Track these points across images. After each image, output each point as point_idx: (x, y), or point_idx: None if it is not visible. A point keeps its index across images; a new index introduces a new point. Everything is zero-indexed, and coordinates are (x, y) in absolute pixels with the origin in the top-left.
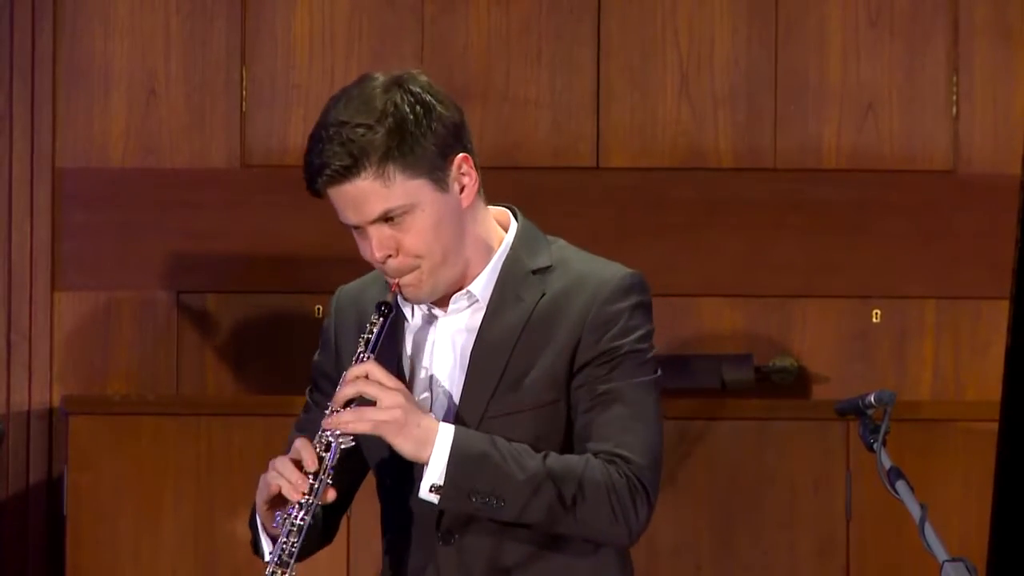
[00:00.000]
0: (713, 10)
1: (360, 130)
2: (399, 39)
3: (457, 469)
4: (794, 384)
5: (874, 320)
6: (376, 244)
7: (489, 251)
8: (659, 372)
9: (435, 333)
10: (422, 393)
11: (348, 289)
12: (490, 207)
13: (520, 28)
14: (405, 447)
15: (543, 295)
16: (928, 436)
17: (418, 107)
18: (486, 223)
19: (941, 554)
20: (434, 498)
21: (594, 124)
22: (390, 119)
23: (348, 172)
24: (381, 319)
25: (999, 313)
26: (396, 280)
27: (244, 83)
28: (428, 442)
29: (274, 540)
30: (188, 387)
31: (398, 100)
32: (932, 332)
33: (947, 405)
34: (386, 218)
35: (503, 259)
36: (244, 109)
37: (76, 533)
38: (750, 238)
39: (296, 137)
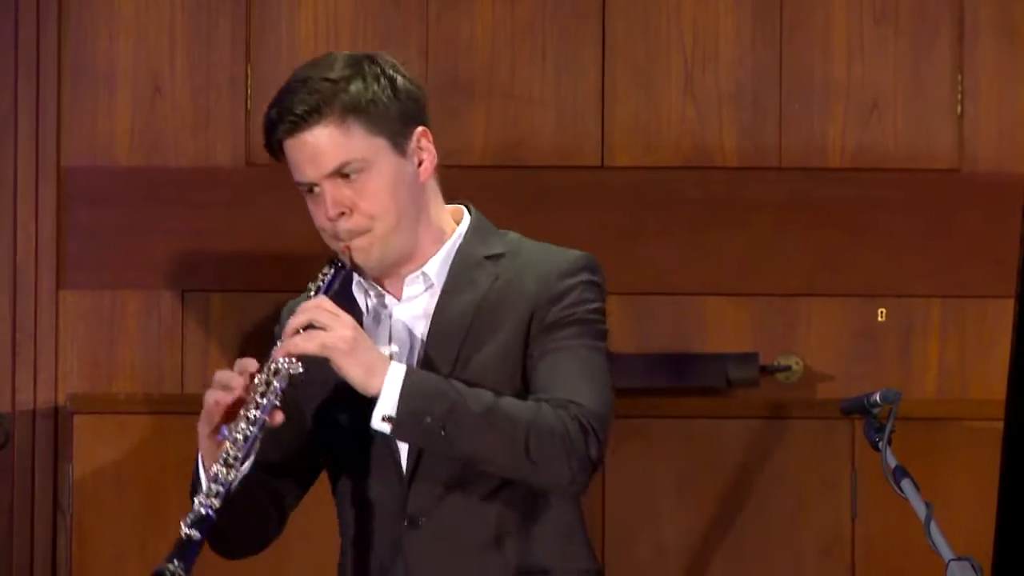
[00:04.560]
0: (718, 9)
1: (325, 83)
2: (403, 37)
3: (411, 396)
4: (799, 383)
5: (879, 319)
6: (330, 201)
7: (442, 236)
8: (609, 354)
9: (391, 321)
10: None
11: (296, 300)
12: (446, 205)
13: (525, 26)
14: (354, 372)
15: (496, 278)
16: (933, 435)
17: (382, 73)
18: (440, 209)
19: (947, 553)
20: (386, 427)
21: (599, 123)
22: (355, 77)
23: (309, 118)
24: (332, 269)
25: (1004, 312)
26: (347, 243)
27: (249, 82)
28: (378, 370)
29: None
30: (193, 386)
31: (364, 64)
32: (937, 331)
33: (952, 404)
34: (343, 174)
35: (457, 245)
36: (249, 107)
37: (81, 531)
38: (755, 237)
39: None
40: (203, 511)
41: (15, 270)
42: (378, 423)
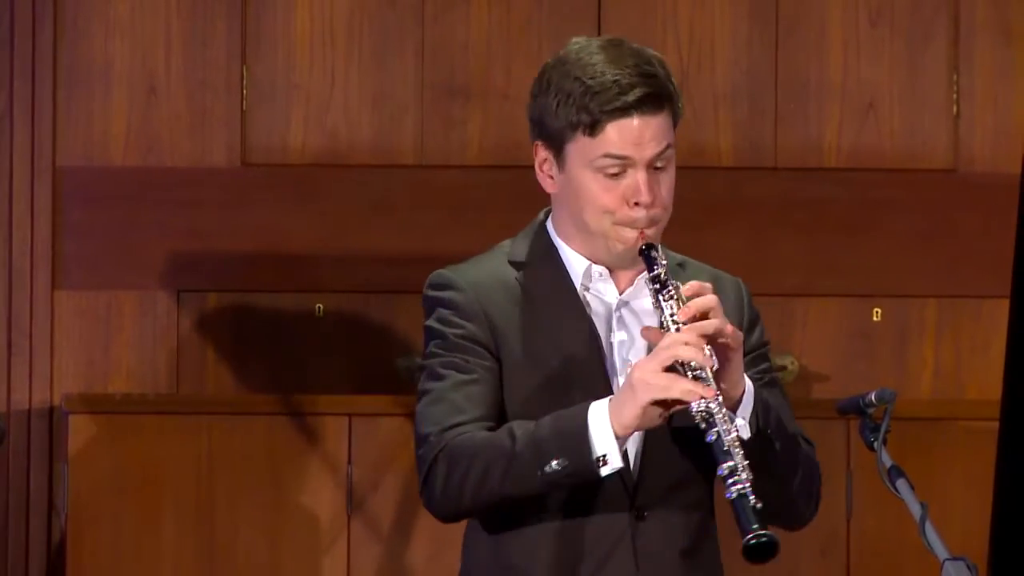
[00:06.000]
0: (714, 9)
1: (663, 73)
2: (400, 38)
3: (761, 410)
4: (795, 383)
5: (875, 319)
6: (648, 186)
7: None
8: None
9: (620, 312)
10: (615, 363)
11: (463, 270)
12: None
13: (521, 27)
14: (735, 389)
15: None
16: (929, 435)
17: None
18: None
19: (942, 553)
20: (745, 430)
21: None
22: (669, 72)
23: (661, 102)
24: (656, 256)
25: (1000, 312)
26: (643, 229)
27: (245, 82)
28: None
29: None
30: (188, 386)
31: (662, 59)
32: (933, 331)
33: (948, 404)
34: (655, 163)
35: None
36: (244, 108)
37: (77, 532)
38: (751, 237)
39: (296, 136)
40: (749, 487)
41: (10, 270)
42: (742, 424)
